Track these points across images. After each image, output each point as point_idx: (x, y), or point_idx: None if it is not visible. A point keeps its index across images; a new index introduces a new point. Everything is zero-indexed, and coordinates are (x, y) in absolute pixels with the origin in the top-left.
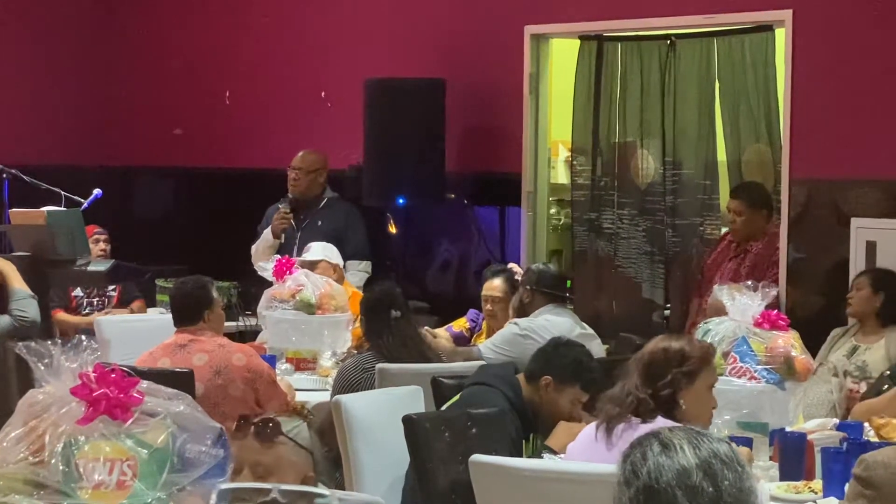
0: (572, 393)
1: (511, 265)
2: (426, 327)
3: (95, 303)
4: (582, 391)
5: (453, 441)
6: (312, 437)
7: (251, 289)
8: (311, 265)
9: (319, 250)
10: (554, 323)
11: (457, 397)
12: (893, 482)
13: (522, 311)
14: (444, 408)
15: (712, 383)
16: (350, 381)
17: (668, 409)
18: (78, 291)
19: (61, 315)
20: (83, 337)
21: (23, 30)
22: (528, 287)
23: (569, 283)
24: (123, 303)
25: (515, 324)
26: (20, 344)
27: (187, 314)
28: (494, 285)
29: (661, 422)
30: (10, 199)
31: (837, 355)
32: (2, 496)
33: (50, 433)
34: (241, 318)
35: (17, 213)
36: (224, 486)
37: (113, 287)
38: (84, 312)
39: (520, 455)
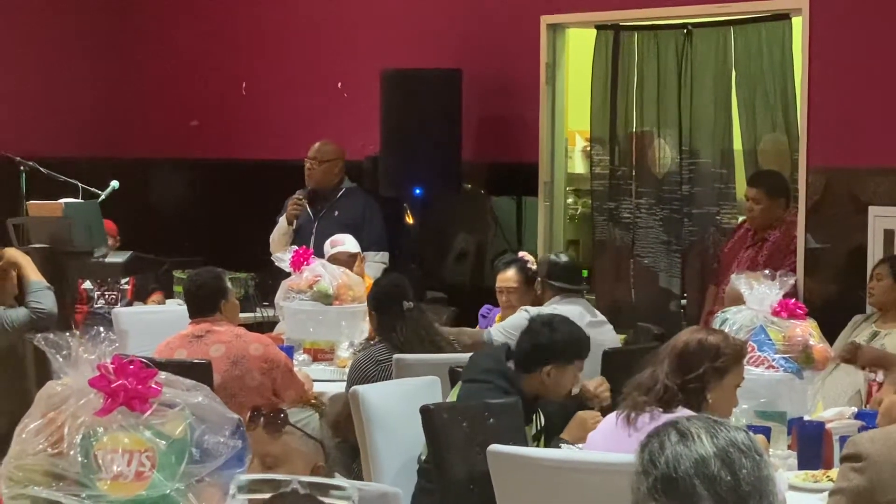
0: (573, 369)
1: (522, 254)
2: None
3: (108, 296)
4: (581, 361)
5: (471, 431)
6: (323, 428)
7: (268, 279)
8: (352, 258)
9: (354, 242)
10: (561, 312)
11: (454, 396)
12: (881, 450)
13: (537, 302)
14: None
15: (739, 383)
16: (364, 373)
17: (693, 401)
18: (87, 284)
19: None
20: (101, 328)
21: (39, 22)
22: (539, 277)
23: (585, 272)
24: (139, 296)
25: (526, 310)
26: (38, 335)
27: (202, 305)
28: (508, 276)
29: (682, 412)
30: (27, 191)
31: (858, 341)
32: (21, 487)
33: (69, 425)
34: (258, 309)
35: (35, 205)
36: (243, 476)
37: (126, 280)
38: (96, 307)
39: (526, 442)
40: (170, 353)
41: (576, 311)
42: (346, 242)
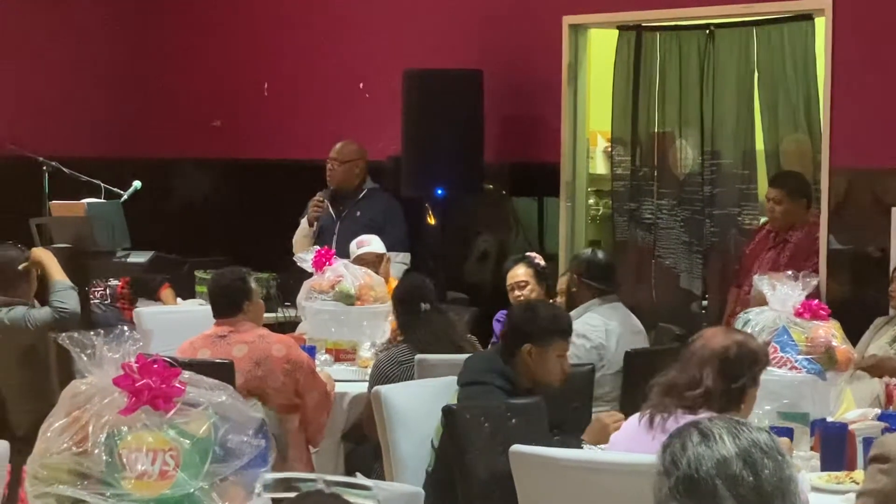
0: (554, 348)
1: (528, 253)
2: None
3: (98, 294)
4: (562, 341)
5: (493, 431)
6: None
7: (290, 280)
8: (378, 259)
9: (380, 243)
10: (594, 326)
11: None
12: None
13: (571, 300)
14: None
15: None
16: (385, 374)
17: (733, 407)
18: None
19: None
20: (125, 328)
21: (62, 23)
22: (575, 275)
23: None
24: (139, 293)
25: None
26: (63, 335)
27: (226, 306)
28: (518, 273)
29: (705, 414)
30: (50, 191)
31: (880, 343)
32: (46, 486)
33: (93, 424)
34: (280, 309)
35: (58, 205)
36: (268, 475)
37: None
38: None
39: (549, 442)
40: (193, 352)
41: (609, 324)
42: (372, 243)
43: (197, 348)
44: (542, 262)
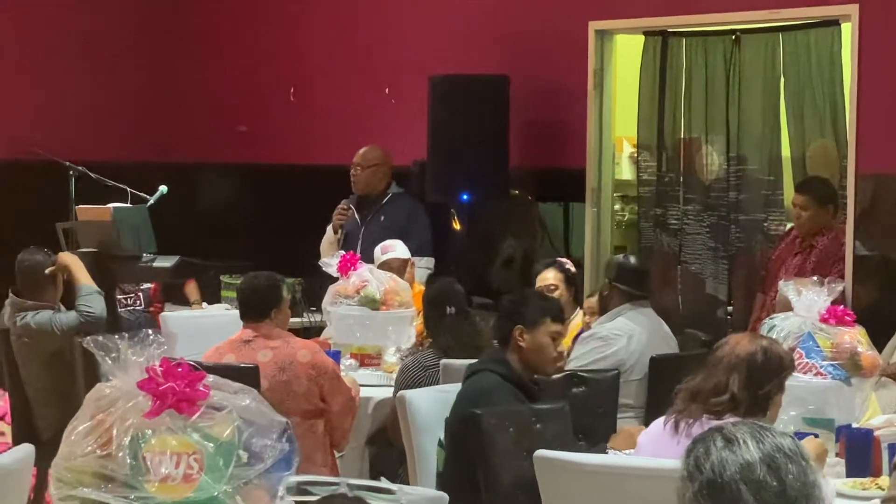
0: (544, 329)
1: (559, 258)
2: None
3: (128, 300)
4: (553, 322)
5: (518, 436)
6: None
7: (315, 284)
8: (403, 264)
9: (404, 249)
10: (618, 334)
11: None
12: None
13: (603, 305)
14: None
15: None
16: (412, 378)
17: (759, 413)
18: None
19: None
20: (149, 331)
21: (88, 28)
22: (607, 280)
23: None
24: (168, 297)
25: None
26: (88, 338)
27: (254, 309)
28: (548, 276)
29: (730, 419)
30: (76, 196)
31: None
32: (70, 489)
33: (117, 427)
34: (305, 314)
35: (84, 210)
36: (292, 478)
37: (149, 285)
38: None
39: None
40: (218, 357)
41: (652, 323)
42: (396, 248)
43: (222, 353)
44: (573, 268)
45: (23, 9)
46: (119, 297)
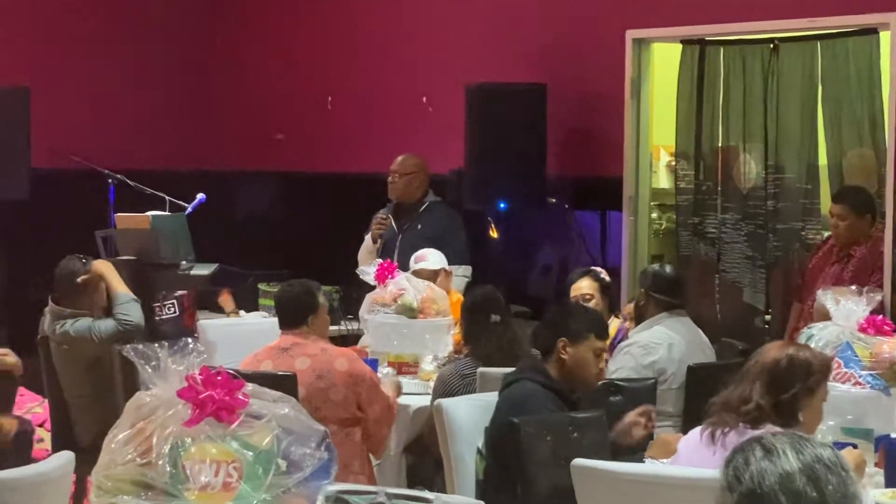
0: (588, 345)
1: (594, 267)
2: None
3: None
4: (597, 339)
5: (555, 445)
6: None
7: (353, 293)
8: (434, 274)
9: (438, 258)
10: (657, 343)
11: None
12: None
13: (639, 314)
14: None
15: (825, 398)
16: (449, 387)
17: (787, 420)
18: None
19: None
20: (189, 340)
21: (126, 37)
22: (643, 289)
23: None
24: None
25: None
26: (128, 346)
27: (291, 317)
28: (583, 285)
29: (770, 429)
30: (115, 204)
31: None
32: (111, 497)
33: (157, 435)
34: (342, 322)
35: (123, 218)
36: (330, 487)
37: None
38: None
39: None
40: (256, 365)
41: (673, 338)
42: (428, 258)
43: (260, 361)
44: (607, 277)
45: (63, 21)
46: (153, 304)
